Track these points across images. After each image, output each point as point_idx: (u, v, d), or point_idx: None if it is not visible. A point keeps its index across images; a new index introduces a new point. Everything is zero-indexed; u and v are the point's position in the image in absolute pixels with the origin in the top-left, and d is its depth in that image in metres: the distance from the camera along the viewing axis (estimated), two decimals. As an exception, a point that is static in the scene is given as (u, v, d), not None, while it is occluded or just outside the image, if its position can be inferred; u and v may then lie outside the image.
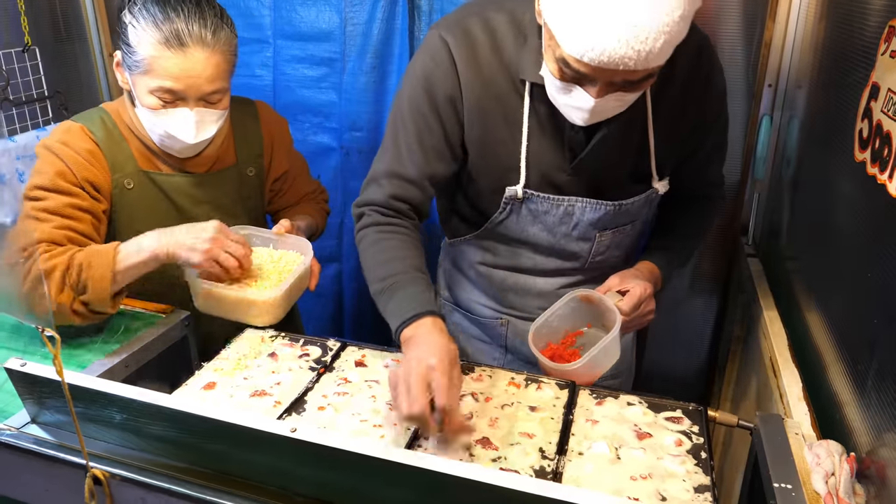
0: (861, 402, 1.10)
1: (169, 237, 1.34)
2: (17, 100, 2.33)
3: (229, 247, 1.36)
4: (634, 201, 1.39)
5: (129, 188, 1.46)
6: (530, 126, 1.31)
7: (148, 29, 1.32)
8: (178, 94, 1.36)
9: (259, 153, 1.64)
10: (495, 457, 1.10)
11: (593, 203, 1.36)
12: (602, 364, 1.31)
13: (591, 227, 1.40)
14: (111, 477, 1.05)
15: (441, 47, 1.30)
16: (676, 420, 1.21)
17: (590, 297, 1.37)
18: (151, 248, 1.33)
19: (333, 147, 2.27)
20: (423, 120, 1.33)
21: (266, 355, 1.37)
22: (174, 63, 1.33)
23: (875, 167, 1.07)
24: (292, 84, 2.22)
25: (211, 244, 1.34)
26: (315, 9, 2.13)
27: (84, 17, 2.40)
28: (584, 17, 1.02)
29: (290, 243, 1.56)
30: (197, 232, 1.35)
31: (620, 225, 1.44)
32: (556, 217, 1.38)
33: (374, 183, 1.40)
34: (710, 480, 1.06)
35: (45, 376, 1.04)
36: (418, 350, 1.13)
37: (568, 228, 1.40)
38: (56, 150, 1.38)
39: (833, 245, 1.35)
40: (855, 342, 1.17)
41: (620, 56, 1.02)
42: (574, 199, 1.36)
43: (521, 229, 1.43)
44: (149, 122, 1.42)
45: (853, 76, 1.28)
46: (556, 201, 1.36)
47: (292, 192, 1.76)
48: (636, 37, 1.00)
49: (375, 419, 1.18)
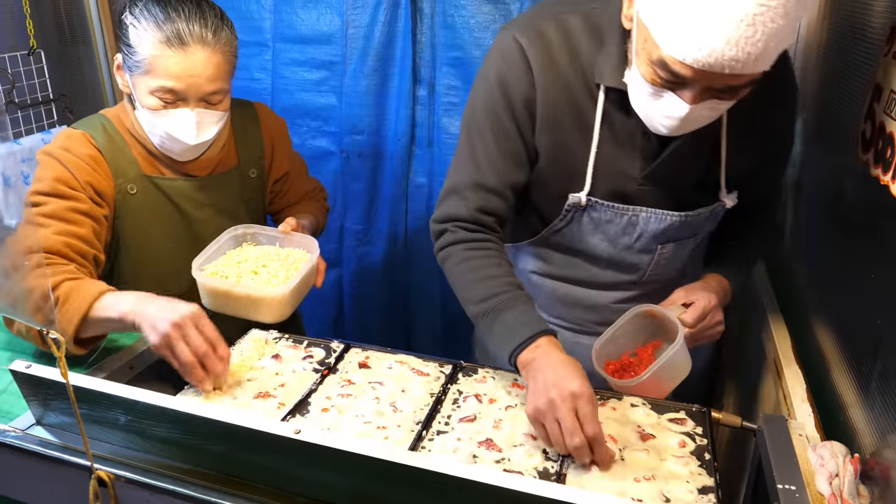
0: (865, 404, 1.10)
1: (142, 306, 1.21)
2: (23, 103, 2.34)
3: (192, 339, 1.19)
4: (700, 213, 1.33)
5: (133, 193, 1.45)
6: (602, 132, 1.26)
7: (149, 29, 1.33)
8: (178, 94, 1.36)
9: (260, 155, 1.64)
10: (499, 458, 1.10)
11: (659, 214, 1.31)
12: (671, 378, 1.28)
13: (654, 239, 1.35)
14: (116, 478, 1.05)
15: (515, 49, 1.25)
16: (680, 421, 1.21)
17: (653, 311, 1.32)
18: (122, 310, 1.21)
19: (333, 151, 2.26)
20: (501, 125, 1.29)
21: (270, 357, 1.37)
22: (175, 62, 1.33)
23: (878, 168, 1.07)
24: (291, 87, 2.22)
25: (171, 329, 1.17)
26: (316, 11, 2.14)
27: (89, 20, 2.41)
28: (690, 16, 0.96)
29: (295, 241, 1.56)
30: (166, 311, 1.20)
31: (683, 238, 1.39)
32: (618, 227, 1.34)
33: (454, 195, 1.34)
34: (713, 482, 1.06)
35: (49, 378, 1.05)
36: (552, 375, 1.10)
37: (630, 240, 1.35)
38: (57, 155, 1.37)
39: (836, 246, 1.34)
40: (859, 343, 1.17)
41: (729, 58, 0.96)
42: (639, 209, 1.31)
43: (580, 238, 1.38)
44: (149, 124, 1.41)
45: (856, 78, 1.28)
46: (620, 210, 1.31)
47: (293, 191, 1.76)
48: (747, 38, 0.94)
49: (379, 421, 1.18)
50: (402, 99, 2.14)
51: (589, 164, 1.28)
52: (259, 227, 1.56)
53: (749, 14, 0.92)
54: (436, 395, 1.26)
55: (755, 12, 0.92)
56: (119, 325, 1.23)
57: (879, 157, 1.07)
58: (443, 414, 1.21)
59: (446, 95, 2.11)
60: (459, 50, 2.05)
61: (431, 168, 2.23)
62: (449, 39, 2.05)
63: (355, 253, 2.39)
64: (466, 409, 1.23)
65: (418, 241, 2.34)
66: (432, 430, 1.17)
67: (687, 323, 1.28)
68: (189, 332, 1.19)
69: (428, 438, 1.15)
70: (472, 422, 1.19)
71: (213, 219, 1.56)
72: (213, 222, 1.56)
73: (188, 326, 1.19)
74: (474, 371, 1.35)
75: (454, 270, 1.33)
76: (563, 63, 1.25)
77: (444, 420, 1.20)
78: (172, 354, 1.19)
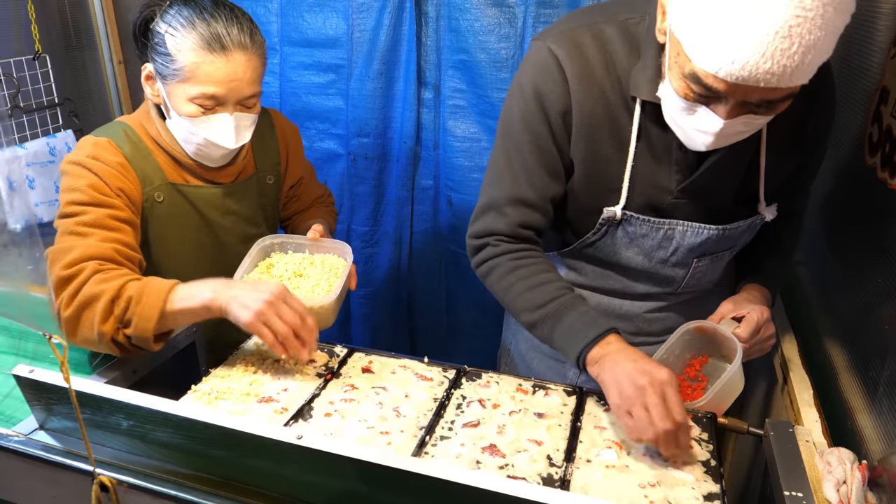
0: (873, 409, 1.09)
1: (226, 291, 1.25)
2: (28, 107, 2.35)
3: (284, 314, 1.24)
4: (738, 226, 1.31)
5: (160, 201, 1.44)
6: (638, 146, 1.24)
7: (188, 35, 1.31)
8: (219, 99, 1.35)
9: (276, 161, 1.64)
10: (503, 464, 1.10)
11: (695, 227, 1.29)
12: (729, 395, 1.26)
13: (690, 253, 1.33)
14: (118, 484, 1.05)
15: (550, 60, 1.23)
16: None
17: (703, 328, 1.30)
18: (205, 298, 1.25)
19: (340, 153, 2.27)
20: (538, 139, 1.27)
21: (273, 361, 1.36)
22: (217, 67, 1.32)
23: (885, 172, 1.06)
24: (299, 90, 2.23)
25: (265, 306, 1.23)
26: (322, 15, 2.14)
27: (94, 25, 2.42)
28: (723, 27, 0.92)
29: (325, 247, 1.55)
30: (255, 291, 1.25)
31: (720, 251, 1.36)
32: (654, 241, 1.31)
33: (493, 211, 1.33)
34: (719, 488, 1.05)
35: (52, 383, 1.05)
36: (634, 366, 1.11)
37: (666, 254, 1.33)
38: (87, 164, 1.34)
39: (843, 250, 1.34)
40: (866, 349, 1.16)
41: (764, 71, 0.92)
42: (675, 223, 1.29)
43: (614, 252, 1.36)
44: (185, 132, 1.39)
45: (863, 81, 1.27)
46: (656, 224, 1.29)
47: (305, 197, 1.76)
48: (783, 50, 0.90)
49: (382, 426, 1.17)
50: (407, 102, 2.15)
51: (625, 177, 1.26)
52: (286, 236, 1.55)
53: (785, 25, 0.89)
54: (439, 400, 1.25)
55: (791, 23, 0.89)
56: (204, 313, 1.26)
57: (887, 161, 1.06)
58: (446, 419, 1.21)
59: (452, 98, 2.11)
60: (464, 53, 2.04)
61: (437, 170, 2.23)
62: (454, 43, 2.05)
63: (362, 254, 2.40)
64: (470, 414, 1.22)
65: (423, 243, 2.35)
66: (435, 435, 1.16)
67: (742, 338, 1.26)
68: (281, 308, 1.24)
69: (431, 444, 1.14)
70: (475, 427, 1.18)
71: (237, 226, 1.55)
72: (236, 229, 1.55)
73: (279, 302, 1.24)
74: (478, 376, 1.34)
75: (501, 282, 1.32)
76: (600, 75, 1.22)
77: (448, 425, 1.19)
78: (269, 329, 1.23)
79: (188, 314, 1.26)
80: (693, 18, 0.96)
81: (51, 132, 2.44)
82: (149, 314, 1.23)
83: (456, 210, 2.23)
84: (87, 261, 1.26)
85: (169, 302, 1.24)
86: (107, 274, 1.26)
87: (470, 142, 2.12)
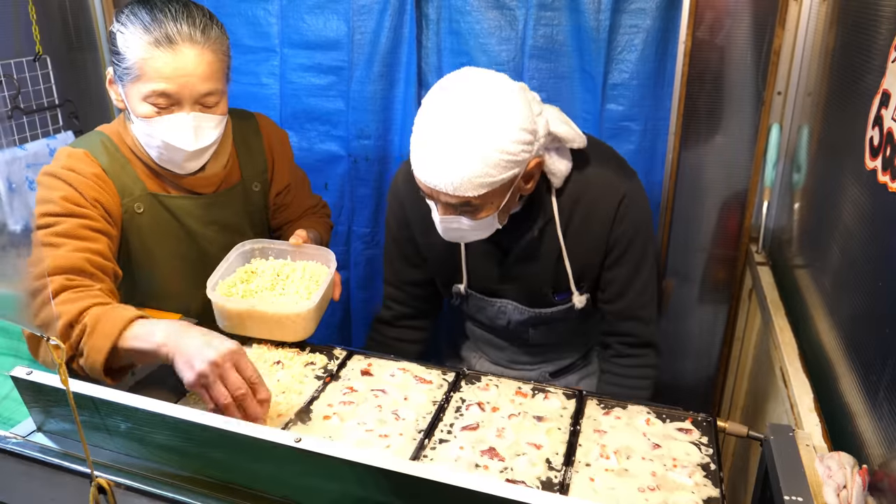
0: (873, 414, 1.08)
1: (177, 339, 1.14)
2: (28, 108, 2.34)
3: (229, 380, 1.11)
4: (555, 311, 1.58)
5: (140, 212, 1.41)
6: (466, 247, 1.56)
7: (136, 33, 1.30)
8: (172, 96, 1.32)
9: (263, 168, 1.61)
10: (502, 468, 1.09)
11: (520, 308, 1.59)
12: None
13: (522, 325, 1.63)
14: (116, 486, 1.04)
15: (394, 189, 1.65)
16: (685, 431, 1.20)
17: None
18: (156, 341, 1.14)
19: (341, 155, 2.27)
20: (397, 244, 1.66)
21: (272, 363, 1.36)
22: (164, 62, 1.30)
23: (886, 175, 1.06)
24: (300, 93, 2.22)
25: (208, 367, 1.09)
26: (322, 17, 2.13)
27: (95, 26, 2.41)
28: (420, 145, 1.27)
29: (309, 253, 1.52)
30: (204, 347, 1.12)
31: (552, 322, 1.62)
32: (492, 313, 1.63)
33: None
34: (719, 493, 1.05)
35: (50, 385, 1.04)
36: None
37: (503, 322, 1.64)
38: (62, 175, 1.33)
39: (844, 254, 1.33)
40: (867, 352, 1.16)
41: (435, 182, 1.26)
42: (505, 303, 1.60)
43: (470, 316, 1.73)
44: (144, 134, 1.37)
45: (864, 84, 1.26)
46: (489, 302, 1.62)
47: (294, 206, 1.73)
48: (443, 169, 1.23)
49: (381, 429, 1.17)
50: (408, 104, 2.14)
51: (462, 266, 1.58)
52: (267, 242, 1.52)
53: (441, 152, 1.24)
54: (438, 403, 1.25)
55: (444, 152, 1.23)
56: (152, 357, 1.16)
57: (888, 164, 1.06)
58: (445, 422, 1.20)
59: (451, 101, 2.10)
60: (465, 56, 2.04)
61: (437, 173, 2.23)
62: (454, 45, 2.05)
63: (363, 256, 2.39)
64: (469, 417, 1.22)
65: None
66: (434, 438, 1.16)
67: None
68: (227, 373, 1.11)
69: (430, 447, 1.14)
70: (474, 430, 1.18)
71: (219, 236, 1.53)
72: (219, 240, 1.52)
73: (227, 366, 1.11)
74: (477, 379, 1.34)
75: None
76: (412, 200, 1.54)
77: (447, 428, 1.19)
78: (208, 395, 1.11)
79: (139, 353, 1.17)
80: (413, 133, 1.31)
81: (51, 133, 2.43)
82: (100, 345, 1.15)
83: (456, 212, 2.22)
84: (55, 273, 1.22)
85: (122, 338, 1.15)
86: (75, 293, 1.21)
87: (470, 144, 2.11)
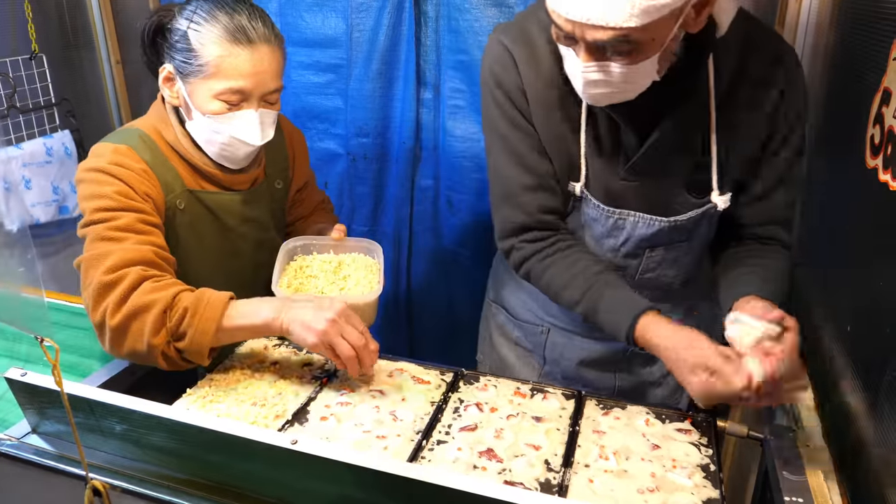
0: (874, 413, 1.08)
1: (289, 311, 1.23)
2: (24, 107, 2.34)
3: (348, 334, 1.22)
4: (690, 217, 1.30)
5: (181, 208, 1.40)
6: (587, 129, 1.28)
7: (213, 30, 1.29)
8: (245, 93, 1.33)
9: (285, 166, 1.62)
10: (500, 469, 1.09)
11: (646, 219, 1.31)
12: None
13: (641, 244, 1.34)
14: (111, 488, 1.04)
15: (500, 49, 1.30)
16: (685, 431, 1.19)
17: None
18: (268, 317, 1.22)
19: (340, 153, 2.26)
20: (513, 121, 1.32)
21: (269, 364, 1.35)
22: (243, 59, 1.30)
23: (887, 173, 1.05)
24: (298, 90, 2.22)
25: (328, 325, 1.20)
26: (321, 15, 2.13)
27: (92, 25, 2.41)
28: None
29: (350, 246, 1.56)
30: (318, 310, 1.22)
31: (675, 242, 1.35)
32: (604, 228, 1.34)
33: (505, 206, 1.36)
34: (719, 494, 1.04)
35: (44, 386, 1.04)
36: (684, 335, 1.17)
37: (616, 242, 1.35)
38: (110, 171, 1.31)
39: (844, 253, 1.33)
40: (867, 352, 1.16)
41: (584, 10, 1.03)
42: (626, 213, 1.31)
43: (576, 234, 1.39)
44: (209, 132, 1.36)
45: (864, 82, 1.26)
46: (606, 212, 1.32)
47: (308, 201, 1.74)
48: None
49: (378, 430, 1.16)
50: (406, 102, 2.14)
51: (581, 154, 1.30)
52: (308, 238, 1.55)
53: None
54: (436, 403, 1.24)
55: None
56: (264, 331, 1.24)
57: (889, 162, 1.05)
58: (443, 423, 1.20)
59: (451, 98, 2.10)
60: (464, 53, 2.03)
61: (437, 171, 2.22)
62: (453, 43, 2.04)
63: (361, 255, 2.40)
64: (467, 418, 1.21)
65: (423, 243, 2.34)
66: (432, 439, 1.15)
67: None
68: (345, 328, 1.22)
69: (428, 448, 1.13)
70: (472, 431, 1.17)
71: (252, 232, 1.53)
72: (252, 236, 1.53)
73: (343, 322, 1.22)
74: (476, 379, 1.33)
75: (540, 284, 1.36)
76: (546, 60, 1.27)
77: (445, 429, 1.18)
78: (332, 351, 1.21)
79: (245, 331, 1.25)
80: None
81: (47, 132, 2.42)
82: (206, 328, 1.21)
83: (455, 210, 2.22)
84: (129, 265, 1.23)
85: (227, 317, 1.23)
86: (157, 282, 1.24)
87: (470, 142, 2.11)
